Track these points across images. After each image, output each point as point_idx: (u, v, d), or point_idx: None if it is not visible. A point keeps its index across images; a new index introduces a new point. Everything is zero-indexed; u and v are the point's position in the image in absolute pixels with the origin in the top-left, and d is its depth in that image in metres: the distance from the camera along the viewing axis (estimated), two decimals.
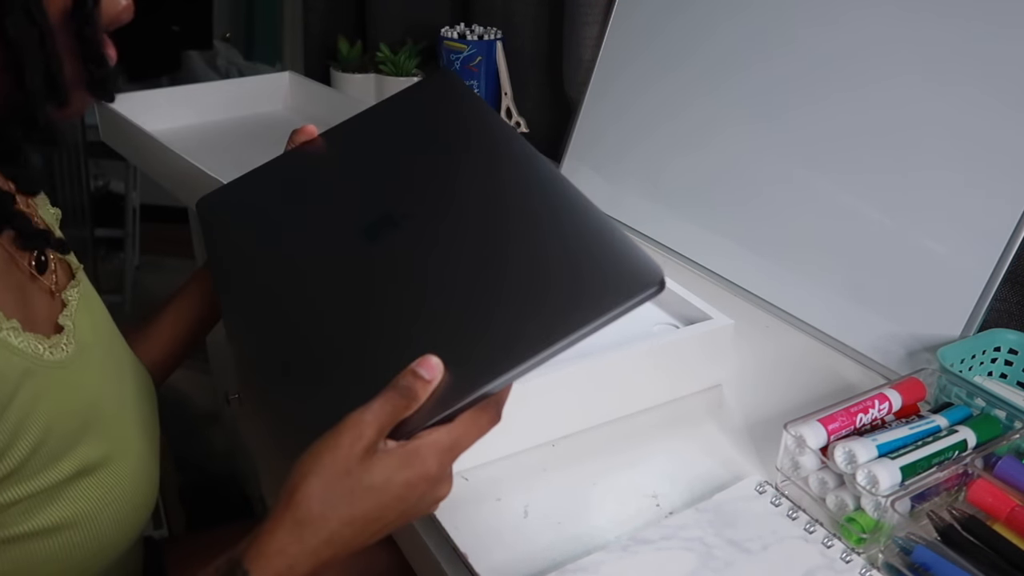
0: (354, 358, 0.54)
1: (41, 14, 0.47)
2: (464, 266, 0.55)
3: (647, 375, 0.70)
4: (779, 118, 0.89)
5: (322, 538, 0.47)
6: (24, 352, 0.51)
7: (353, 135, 0.71)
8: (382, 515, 0.48)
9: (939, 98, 0.76)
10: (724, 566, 0.55)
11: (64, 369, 0.54)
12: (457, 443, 0.49)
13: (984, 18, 0.74)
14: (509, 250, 0.55)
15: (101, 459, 0.55)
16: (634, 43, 1.07)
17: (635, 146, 1.05)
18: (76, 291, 0.60)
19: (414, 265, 0.57)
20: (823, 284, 0.84)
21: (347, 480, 0.46)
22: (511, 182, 0.60)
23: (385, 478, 0.47)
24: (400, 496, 0.48)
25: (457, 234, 0.57)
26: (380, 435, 0.47)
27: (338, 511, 0.46)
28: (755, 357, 0.80)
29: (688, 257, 0.96)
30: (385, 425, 0.48)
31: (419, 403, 0.48)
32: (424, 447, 0.48)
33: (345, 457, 0.46)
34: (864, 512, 0.57)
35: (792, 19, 0.89)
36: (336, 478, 0.46)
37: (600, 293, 0.50)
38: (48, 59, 0.48)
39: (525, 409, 0.64)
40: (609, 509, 0.61)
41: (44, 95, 0.49)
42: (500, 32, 1.28)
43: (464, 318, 0.52)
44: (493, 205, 0.59)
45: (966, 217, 0.74)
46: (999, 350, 0.73)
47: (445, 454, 0.48)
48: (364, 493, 0.46)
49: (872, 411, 0.63)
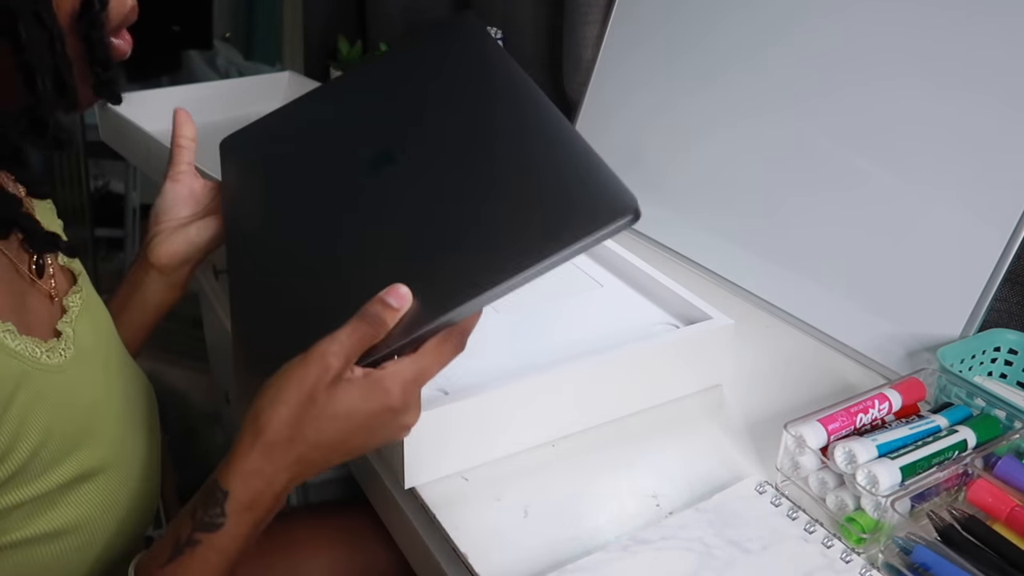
0: (333, 288, 0.55)
1: (51, 18, 0.47)
2: (444, 200, 0.56)
3: (647, 375, 0.70)
4: (779, 118, 0.89)
5: (292, 458, 0.49)
6: (21, 355, 0.51)
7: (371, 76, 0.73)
8: (349, 440, 0.49)
9: (940, 98, 0.76)
10: (724, 566, 0.55)
11: (62, 374, 0.54)
12: (421, 373, 0.50)
13: (985, 20, 0.74)
14: (487, 184, 0.56)
15: (101, 464, 0.55)
16: (634, 43, 1.07)
17: (635, 146, 1.05)
18: (78, 296, 0.60)
19: (401, 200, 0.58)
20: (823, 284, 0.84)
21: (312, 408, 0.48)
22: (506, 121, 0.60)
23: (349, 407, 0.48)
24: (364, 425, 0.49)
25: (443, 171, 0.58)
26: (347, 364, 0.49)
27: (305, 436, 0.48)
28: (755, 357, 0.80)
29: (688, 257, 0.96)
30: (352, 354, 0.49)
31: (386, 330, 0.49)
32: (388, 377, 0.49)
33: (312, 386, 0.48)
34: (864, 512, 0.57)
35: (792, 19, 0.89)
36: (301, 406, 0.48)
37: (571, 220, 0.50)
38: (58, 62, 0.49)
39: (525, 409, 0.64)
40: (609, 509, 0.61)
41: (54, 98, 0.50)
42: (500, 32, 1.28)
43: (435, 248, 0.53)
44: (482, 144, 0.59)
45: (966, 217, 0.74)
46: (999, 350, 0.73)
47: (409, 384, 0.49)
48: (329, 421, 0.48)
49: (872, 411, 0.63)
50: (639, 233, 1.02)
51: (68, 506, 0.53)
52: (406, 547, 0.66)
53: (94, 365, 0.58)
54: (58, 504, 0.52)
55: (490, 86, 0.64)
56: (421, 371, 0.50)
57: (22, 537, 0.51)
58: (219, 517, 0.49)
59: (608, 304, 0.79)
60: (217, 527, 0.49)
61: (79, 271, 0.63)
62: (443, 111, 0.64)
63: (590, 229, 0.49)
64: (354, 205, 0.60)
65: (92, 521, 0.54)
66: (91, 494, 0.54)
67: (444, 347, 0.50)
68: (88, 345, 0.58)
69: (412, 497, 0.63)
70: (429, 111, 0.65)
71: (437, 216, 0.56)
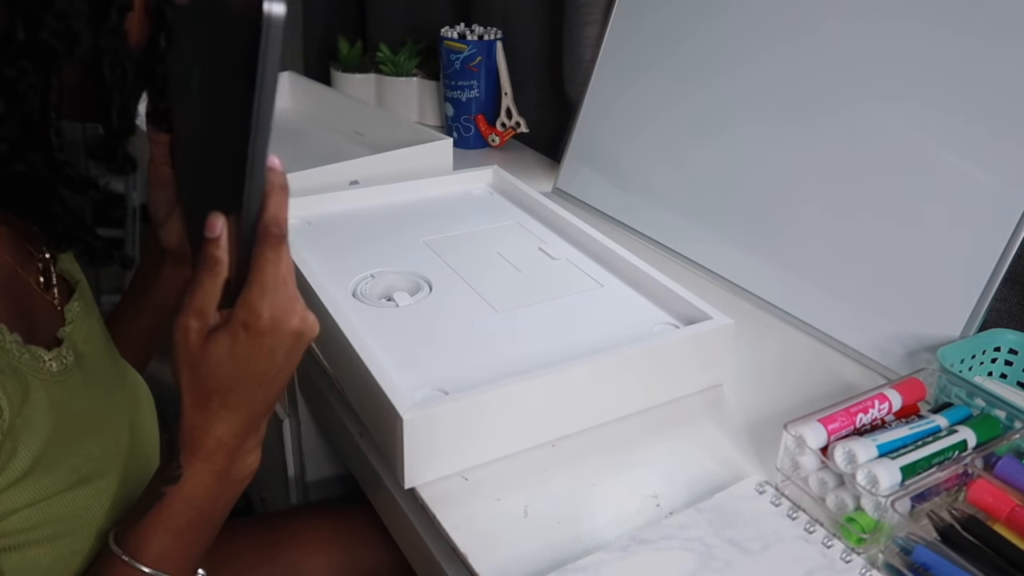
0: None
1: (128, 57, 0.50)
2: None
3: (647, 375, 0.70)
4: (779, 118, 0.89)
5: (215, 408, 0.50)
6: (27, 365, 0.52)
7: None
8: (255, 373, 0.49)
9: (940, 99, 0.76)
10: (724, 566, 0.55)
11: (64, 381, 0.55)
12: (265, 287, 0.48)
13: (985, 23, 0.74)
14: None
15: (100, 467, 0.56)
16: (634, 43, 1.07)
17: (635, 146, 1.05)
18: (77, 305, 0.61)
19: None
20: (823, 284, 0.84)
21: (200, 367, 0.49)
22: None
23: (228, 353, 0.48)
24: (257, 357, 0.49)
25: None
26: (205, 318, 0.48)
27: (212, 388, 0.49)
28: (755, 357, 0.80)
29: (688, 257, 0.96)
30: (203, 306, 0.48)
31: (225, 263, 0.48)
32: (237, 313, 0.48)
33: (187, 353, 0.49)
34: (864, 512, 0.57)
35: (793, 19, 0.89)
36: (191, 371, 0.49)
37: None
38: (128, 97, 0.52)
39: (525, 409, 0.64)
40: (609, 509, 0.61)
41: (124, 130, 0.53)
42: (500, 32, 1.28)
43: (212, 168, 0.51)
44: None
45: (966, 217, 0.74)
46: (999, 350, 0.73)
47: (262, 302, 0.47)
48: (218, 368, 0.49)
49: (872, 411, 0.63)
50: (639, 233, 1.02)
51: (68, 508, 0.53)
52: (406, 547, 0.66)
53: (90, 370, 0.59)
54: (57, 506, 0.52)
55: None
56: (263, 285, 0.47)
57: (23, 540, 0.51)
58: (176, 469, 0.51)
59: (608, 304, 0.79)
60: (177, 478, 0.51)
61: (78, 279, 0.64)
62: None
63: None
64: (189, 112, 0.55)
65: (92, 523, 0.54)
66: (91, 496, 0.55)
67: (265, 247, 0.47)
68: (86, 351, 0.59)
69: (412, 497, 0.63)
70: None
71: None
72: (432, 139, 1.10)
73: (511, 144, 1.33)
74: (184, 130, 0.57)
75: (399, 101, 1.41)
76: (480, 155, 1.30)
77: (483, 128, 1.31)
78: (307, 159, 1.00)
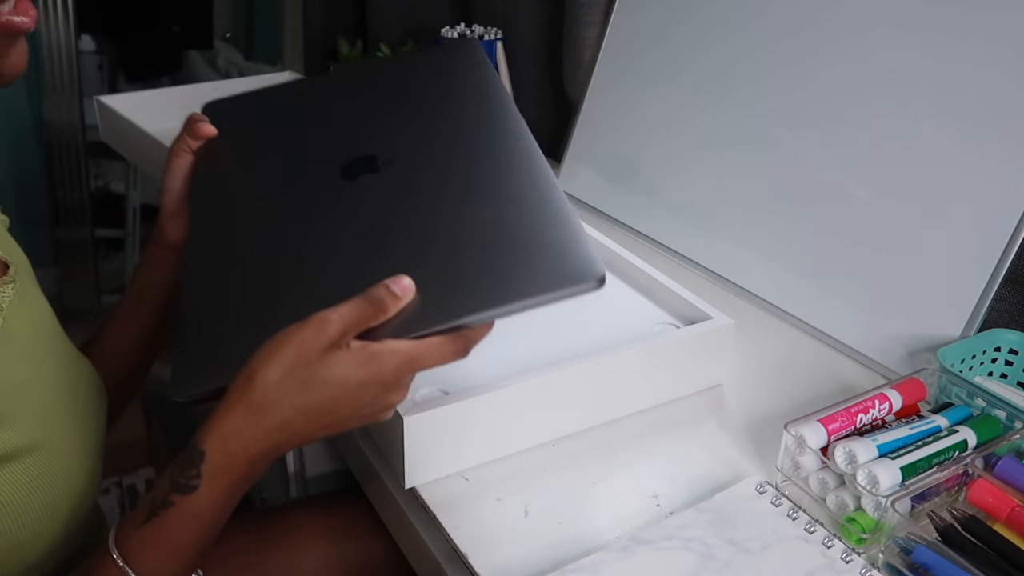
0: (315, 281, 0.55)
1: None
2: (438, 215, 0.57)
3: (647, 375, 0.70)
4: (780, 119, 0.89)
5: (275, 423, 0.48)
6: None
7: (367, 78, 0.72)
8: (334, 410, 0.49)
9: (940, 99, 0.76)
10: (724, 566, 0.55)
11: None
12: (418, 358, 0.49)
13: (985, 26, 0.74)
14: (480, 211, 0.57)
15: (27, 446, 0.54)
16: (634, 43, 1.07)
17: (635, 146, 1.05)
18: (11, 288, 0.59)
19: (388, 205, 0.58)
20: (823, 284, 0.84)
21: (305, 371, 0.48)
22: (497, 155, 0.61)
23: (341, 374, 0.48)
24: (353, 394, 0.49)
25: (433, 188, 0.59)
26: (343, 335, 0.48)
27: (293, 399, 0.48)
28: (755, 357, 0.80)
29: (688, 257, 0.96)
30: (350, 327, 0.48)
31: (387, 316, 0.49)
32: (385, 351, 0.49)
33: (307, 350, 0.48)
34: (864, 512, 0.57)
35: (795, 22, 0.89)
36: (294, 368, 0.48)
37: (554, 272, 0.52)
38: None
39: (525, 409, 0.64)
40: (609, 509, 0.61)
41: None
42: (500, 32, 1.28)
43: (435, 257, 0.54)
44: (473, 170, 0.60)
45: (966, 217, 0.74)
46: (999, 350, 0.73)
47: (404, 364, 0.49)
48: (319, 385, 0.48)
49: (872, 411, 0.63)
50: (639, 233, 1.02)
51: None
52: (406, 547, 0.66)
53: (20, 350, 0.57)
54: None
55: (485, 117, 0.65)
56: (418, 355, 0.49)
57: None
58: (194, 479, 0.49)
59: (608, 304, 0.79)
60: (191, 489, 0.49)
61: (12, 262, 0.61)
62: (433, 130, 0.64)
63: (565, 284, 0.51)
64: (330, 203, 0.60)
65: (18, 503, 0.53)
66: (16, 474, 0.53)
67: (446, 346, 0.50)
68: (17, 332, 0.57)
69: (412, 497, 0.63)
70: (418, 127, 0.65)
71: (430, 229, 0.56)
72: None
73: None
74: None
75: None
76: None
77: None
78: None
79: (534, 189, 0.58)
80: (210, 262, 0.59)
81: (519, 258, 0.53)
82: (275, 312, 0.53)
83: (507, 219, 0.56)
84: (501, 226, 0.55)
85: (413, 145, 0.63)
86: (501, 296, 0.51)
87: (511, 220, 0.56)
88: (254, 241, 0.59)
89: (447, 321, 0.50)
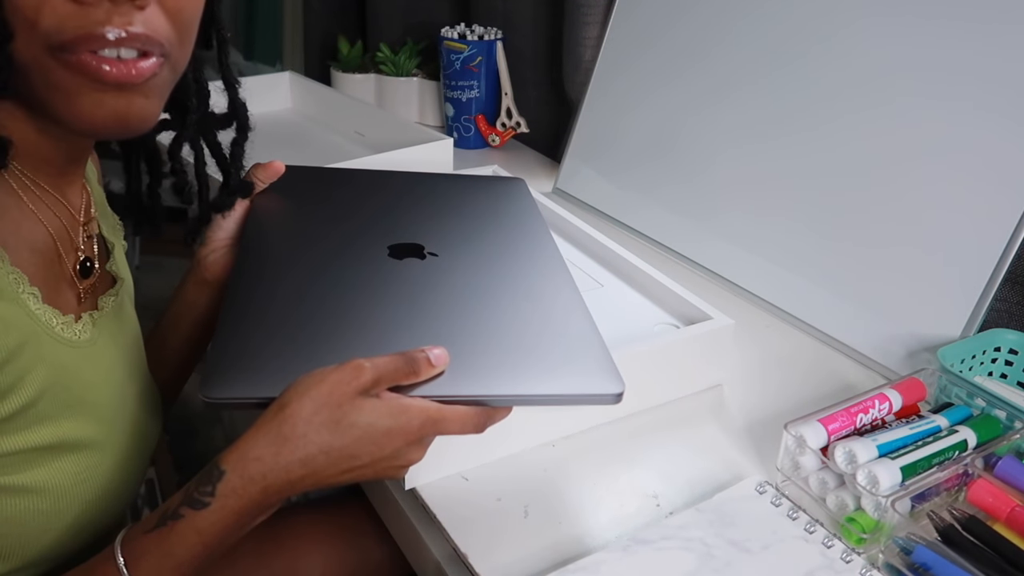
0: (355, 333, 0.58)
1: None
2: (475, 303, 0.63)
3: (648, 375, 0.70)
4: (780, 119, 0.89)
5: (298, 457, 0.49)
6: (37, 318, 0.53)
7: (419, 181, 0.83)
8: (356, 454, 0.50)
9: (940, 99, 0.76)
10: (724, 566, 0.55)
11: (73, 349, 0.56)
12: (442, 421, 0.52)
13: (985, 25, 0.74)
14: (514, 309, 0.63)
15: (84, 440, 0.56)
16: (634, 43, 1.07)
17: (635, 146, 1.05)
18: (112, 300, 0.62)
19: (429, 286, 0.64)
20: (823, 284, 0.84)
21: (336, 411, 0.49)
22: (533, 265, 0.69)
23: (370, 421, 0.50)
24: (377, 442, 0.50)
25: (472, 282, 0.66)
26: (376, 384, 0.50)
27: (320, 436, 0.49)
28: (755, 357, 0.80)
29: (688, 257, 0.96)
30: (383, 379, 0.50)
31: (417, 379, 0.52)
32: (414, 407, 0.51)
33: (341, 391, 0.49)
34: (864, 512, 0.57)
35: (794, 22, 0.89)
36: (326, 406, 0.49)
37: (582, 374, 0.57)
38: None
39: (525, 409, 0.64)
40: (609, 509, 0.61)
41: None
42: (500, 32, 1.28)
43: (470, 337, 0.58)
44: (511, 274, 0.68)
45: (966, 217, 0.74)
46: (999, 350, 0.73)
47: (429, 423, 0.51)
48: (348, 428, 0.49)
49: (872, 411, 0.63)
50: (639, 233, 1.02)
51: (43, 468, 0.53)
52: (406, 547, 0.66)
53: (102, 359, 0.59)
54: (34, 463, 0.53)
55: (524, 236, 0.74)
56: (443, 419, 0.52)
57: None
58: (208, 496, 0.50)
59: (608, 304, 0.79)
60: (203, 505, 0.50)
61: (123, 281, 0.65)
62: (478, 238, 0.72)
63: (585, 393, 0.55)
64: (376, 272, 0.66)
65: (60, 489, 0.55)
66: (68, 463, 0.55)
67: (468, 416, 0.53)
68: (103, 342, 0.60)
69: (412, 497, 0.63)
70: (464, 232, 0.73)
71: (459, 313, 0.61)
72: (432, 139, 1.10)
73: (511, 144, 1.33)
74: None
75: (399, 101, 1.41)
76: (480, 155, 1.30)
77: (483, 128, 1.31)
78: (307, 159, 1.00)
79: (566, 301, 0.65)
80: (259, 287, 0.63)
81: (548, 357, 0.58)
82: (313, 349, 0.56)
83: (538, 321, 0.62)
84: (533, 325, 0.61)
85: (458, 246, 0.70)
86: (526, 384, 0.55)
87: (542, 322, 0.62)
88: (305, 283, 0.63)
89: (473, 392, 0.53)
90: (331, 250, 0.68)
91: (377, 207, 0.76)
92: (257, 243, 0.68)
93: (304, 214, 0.74)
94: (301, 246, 0.68)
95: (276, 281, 0.63)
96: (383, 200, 0.78)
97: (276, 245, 0.68)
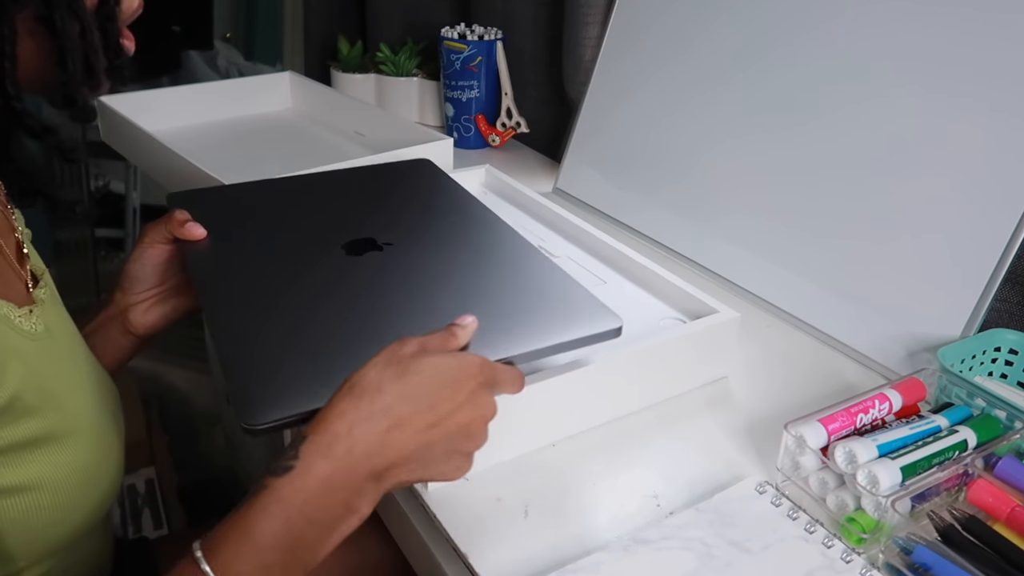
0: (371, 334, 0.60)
1: (82, 10, 0.54)
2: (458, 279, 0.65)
3: (655, 370, 0.70)
4: (780, 119, 0.89)
5: (379, 407, 0.49)
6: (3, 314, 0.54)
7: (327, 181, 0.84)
8: (436, 404, 0.51)
9: (940, 99, 0.76)
10: (724, 566, 0.55)
11: (34, 342, 0.57)
12: (494, 367, 0.54)
13: (985, 23, 0.74)
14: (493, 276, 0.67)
15: (65, 430, 0.57)
16: (634, 43, 1.07)
17: (635, 146, 1.05)
18: (44, 292, 0.63)
19: (406, 273, 0.66)
20: (823, 284, 0.84)
21: (399, 367, 0.51)
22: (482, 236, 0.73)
23: (433, 364, 0.51)
24: (450, 384, 0.51)
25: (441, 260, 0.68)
26: (423, 348, 0.53)
27: (394, 386, 0.50)
28: (755, 357, 0.80)
29: (688, 257, 0.96)
30: (428, 345, 0.53)
31: (459, 343, 0.55)
32: (468, 354, 0.54)
33: (397, 356, 0.52)
34: (864, 512, 0.57)
35: (792, 19, 0.89)
36: (389, 365, 0.51)
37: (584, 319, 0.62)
38: (87, 48, 0.56)
39: (525, 409, 0.64)
40: (609, 509, 0.61)
41: (82, 79, 0.56)
42: (500, 32, 1.28)
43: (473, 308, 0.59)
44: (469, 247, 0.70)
45: (966, 217, 0.74)
46: (999, 350, 0.73)
47: (486, 365, 0.53)
48: (415, 374, 0.51)
49: (872, 411, 0.63)
50: (639, 233, 1.02)
51: (34, 463, 0.54)
52: (406, 547, 0.66)
53: (60, 347, 0.61)
54: (24, 460, 0.54)
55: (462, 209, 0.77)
56: (494, 366, 0.54)
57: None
58: (292, 459, 0.48)
59: (613, 301, 0.79)
60: (286, 470, 0.47)
61: (42, 269, 0.65)
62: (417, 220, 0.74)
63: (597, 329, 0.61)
64: (345, 272, 0.67)
65: (58, 480, 0.55)
66: (57, 454, 0.56)
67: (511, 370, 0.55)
68: (55, 330, 0.61)
69: (412, 497, 0.63)
70: (402, 218, 0.75)
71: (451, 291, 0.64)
72: (432, 139, 1.10)
73: (511, 144, 1.33)
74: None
75: (399, 101, 1.41)
76: (480, 155, 1.30)
77: (483, 128, 1.31)
78: (307, 159, 1.00)
79: (532, 261, 0.69)
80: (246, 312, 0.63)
81: (549, 312, 0.62)
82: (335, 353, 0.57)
83: (521, 283, 0.65)
84: (519, 288, 0.65)
85: (405, 232, 0.72)
86: (541, 339, 0.59)
87: (525, 284, 0.65)
88: (287, 297, 0.64)
89: (501, 355, 0.57)
90: (291, 260, 0.69)
91: (308, 211, 0.77)
92: (213, 275, 0.67)
93: (243, 235, 0.72)
94: (261, 264, 0.68)
95: (258, 302, 0.63)
96: (310, 203, 0.79)
97: (235, 270, 0.67)
